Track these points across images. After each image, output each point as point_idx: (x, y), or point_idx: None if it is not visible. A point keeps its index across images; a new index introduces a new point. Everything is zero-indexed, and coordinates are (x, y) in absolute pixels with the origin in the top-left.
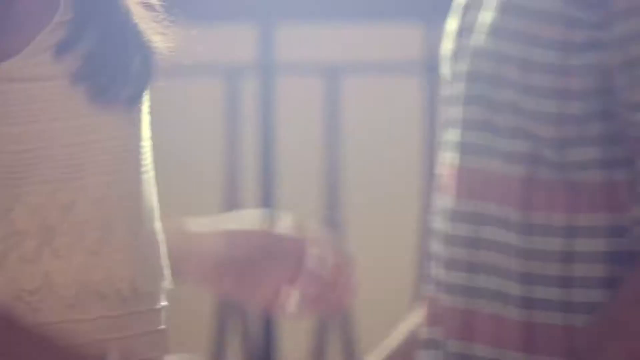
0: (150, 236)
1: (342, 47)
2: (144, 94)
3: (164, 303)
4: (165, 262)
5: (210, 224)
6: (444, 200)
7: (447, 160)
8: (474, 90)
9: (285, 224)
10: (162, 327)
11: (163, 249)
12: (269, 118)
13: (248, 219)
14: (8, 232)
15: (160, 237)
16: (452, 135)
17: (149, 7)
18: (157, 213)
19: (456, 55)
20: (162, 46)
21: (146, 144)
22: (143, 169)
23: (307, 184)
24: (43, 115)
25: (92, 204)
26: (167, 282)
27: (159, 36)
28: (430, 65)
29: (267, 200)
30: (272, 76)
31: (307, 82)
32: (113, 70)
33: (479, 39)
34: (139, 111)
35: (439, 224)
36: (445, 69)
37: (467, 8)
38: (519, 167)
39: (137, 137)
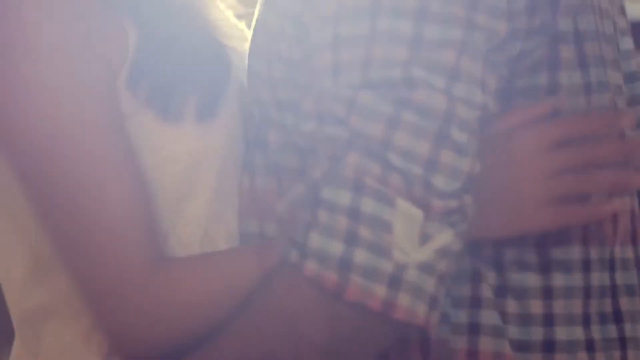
0: None
1: None
2: (217, 105)
3: None
4: None
5: None
6: None
7: None
8: None
9: None
10: None
11: None
12: None
13: None
14: None
15: None
16: None
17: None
18: None
19: None
20: (243, 52)
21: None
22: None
23: None
24: (137, 150)
25: (193, 224)
26: None
27: (239, 41)
28: None
29: None
30: None
31: None
32: (169, 89)
33: None
34: (227, 123)
35: None
36: None
37: None
38: None
39: (227, 150)
